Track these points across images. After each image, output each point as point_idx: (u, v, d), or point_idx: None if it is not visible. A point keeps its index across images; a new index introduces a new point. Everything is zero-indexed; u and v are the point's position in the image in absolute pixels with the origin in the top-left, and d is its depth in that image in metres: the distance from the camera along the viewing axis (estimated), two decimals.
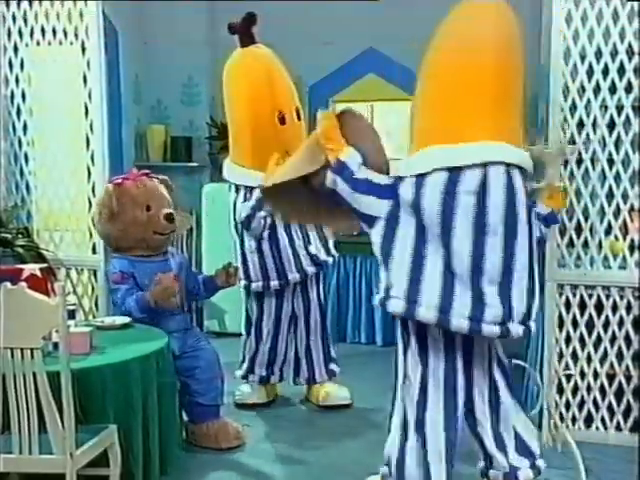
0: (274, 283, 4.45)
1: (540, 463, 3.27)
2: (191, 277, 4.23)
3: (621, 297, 3.90)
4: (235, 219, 4.43)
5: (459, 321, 2.90)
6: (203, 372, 3.89)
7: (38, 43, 4.63)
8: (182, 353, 3.83)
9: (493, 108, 2.93)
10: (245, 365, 4.69)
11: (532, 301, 3.02)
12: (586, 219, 3.93)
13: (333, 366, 4.75)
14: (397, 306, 2.98)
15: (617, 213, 3.88)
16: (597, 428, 4.02)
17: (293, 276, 4.45)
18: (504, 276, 2.92)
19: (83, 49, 4.54)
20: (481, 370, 3.17)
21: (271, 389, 4.75)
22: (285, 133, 4.32)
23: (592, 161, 3.92)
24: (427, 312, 2.92)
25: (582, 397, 4.02)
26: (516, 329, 2.95)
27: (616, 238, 3.92)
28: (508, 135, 2.94)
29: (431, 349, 3.08)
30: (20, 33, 4.63)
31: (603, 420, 4.01)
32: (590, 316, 3.94)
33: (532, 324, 3.04)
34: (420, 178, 2.93)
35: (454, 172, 2.87)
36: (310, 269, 4.47)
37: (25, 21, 4.62)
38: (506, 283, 2.93)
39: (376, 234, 3.03)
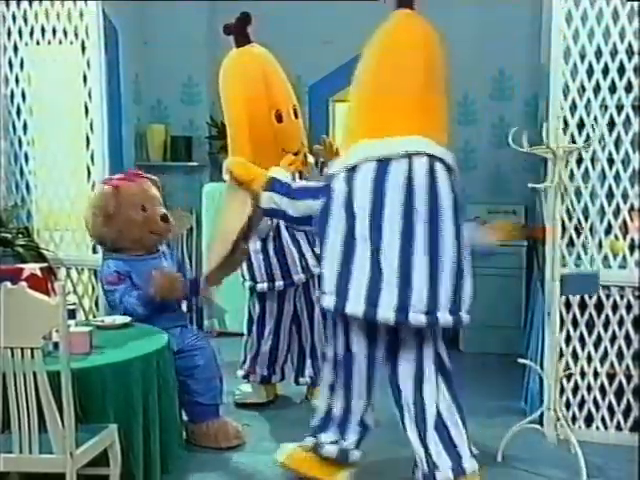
0: (279, 284, 4.44)
1: (467, 464, 3.24)
2: (178, 260, 4.27)
3: (621, 297, 3.90)
4: None
5: (386, 313, 2.98)
6: (202, 371, 3.88)
7: (38, 42, 4.63)
8: (180, 351, 3.83)
9: (417, 107, 3.21)
10: (246, 365, 4.68)
11: (461, 291, 3.14)
12: (586, 219, 3.93)
13: None
14: (329, 302, 3.09)
15: (617, 213, 3.88)
16: (597, 427, 4.02)
17: (298, 277, 4.44)
18: (431, 264, 3.02)
19: (83, 48, 4.54)
20: (408, 364, 3.25)
21: (271, 389, 4.75)
22: (282, 131, 4.31)
23: (592, 161, 3.92)
24: (355, 307, 3.01)
25: (582, 396, 4.02)
26: (445, 318, 3.07)
27: (616, 237, 3.92)
28: (431, 132, 3.15)
29: (354, 341, 3.20)
30: (20, 32, 4.64)
31: (603, 419, 4.01)
32: (590, 315, 3.95)
33: (465, 315, 3.17)
34: (351, 170, 3.12)
35: (383, 162, 3.08)
36: (316, 269, 4.46)
37: (25, 20, 4.62)
38: (434, 271, 3.03)
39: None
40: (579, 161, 3.93)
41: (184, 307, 4.25)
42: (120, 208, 3.92)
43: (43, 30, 4.60)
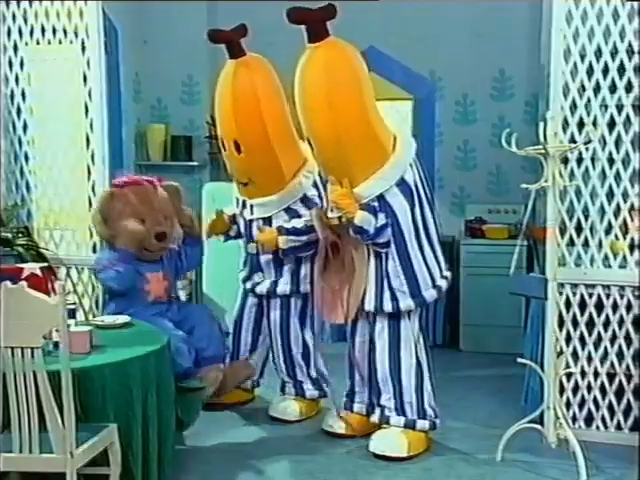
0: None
1: None
2: (177, 260, 4.28)
3: (621, 296, 3.90)
4: None
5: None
6: (199, 329, 4.01)
7: (38, 42, 4.63)
8: (176, 324, 3.92)
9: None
10: None
11: None
12: (586, 218, 3.93)
13: None
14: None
15: (617, 212, 3.88)
16: (597, 427, 4.01)
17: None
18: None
19: (83, 48, 4.54)
20: None
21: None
22: (227, 159, 4.30)
23: (592, 160, 3.92)
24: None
25: (582, 396, 4.01)
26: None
27: (616, 237, 3.91)
28: None
29: None
30: (20, 32, 4.63)
31: (603, 419, 4.01)
32: (590, 315, 3.94)
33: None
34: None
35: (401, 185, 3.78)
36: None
37: (25, 20, 4.62)
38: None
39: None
40: (579, 161, 3.93)
41: (183, 297, 4.29)
42: (118, 214, 3.90)
43: (43, 29, 4.60)
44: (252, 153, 4.15)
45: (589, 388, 4.00)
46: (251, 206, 4.34)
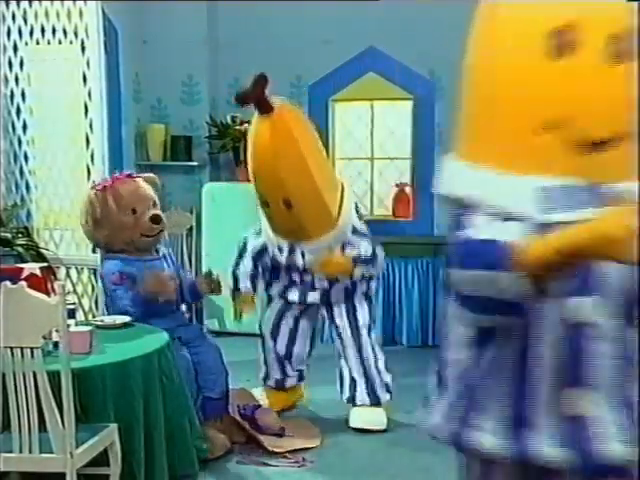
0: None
1: None
2: (182, 280, 4.15)
3: None
4: None
5: None
6: (206, 362, 3.90)
7: (38, 42, 4.64)
8: (187, 345, 3.85)
9: None
10: None
11: None
12: None
13: None
14: None
15: None
16: None
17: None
18: None
19: (83, 48, 4.54)
20: None
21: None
22: (274, 216, 4.15)
23: None
24: None
25: None
26: None
27: None
28: None
29: None
30: (20, 32, 4.64)
31: None
32: None
33: None
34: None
35: None
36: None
37: (25, 20, 4.62)
38: None
39: None
40: None
41: (183, 307, 4.23)
42: (109, 212, 3.85)
43: (43, 30, 4.61)
44: (304, 205, 4.02)
45: None
46: (302, 251, 4.21)
